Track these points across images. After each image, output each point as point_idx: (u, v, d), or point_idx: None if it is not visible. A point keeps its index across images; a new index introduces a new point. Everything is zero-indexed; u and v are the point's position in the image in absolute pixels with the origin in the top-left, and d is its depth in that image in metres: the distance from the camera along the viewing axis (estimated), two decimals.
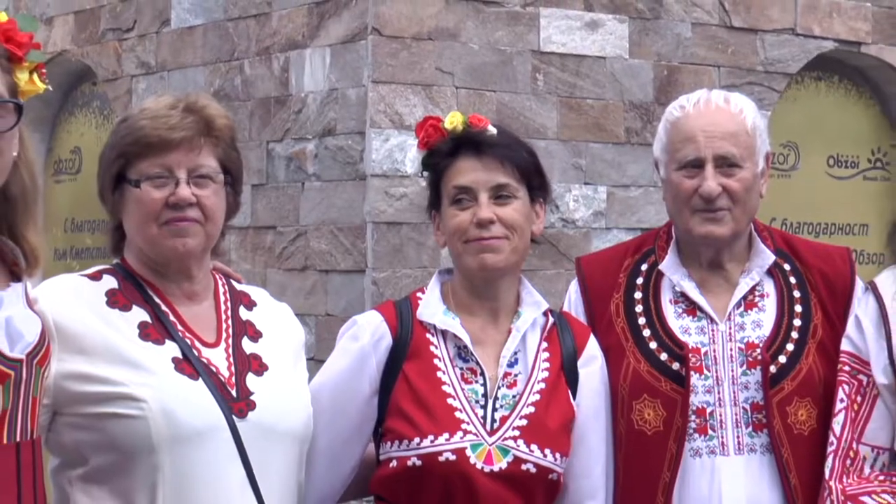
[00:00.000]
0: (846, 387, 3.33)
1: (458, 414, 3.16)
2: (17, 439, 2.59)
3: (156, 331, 2.95)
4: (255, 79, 7.38)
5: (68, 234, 8.95)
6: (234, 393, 2.94)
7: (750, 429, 3.35)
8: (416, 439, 3.14)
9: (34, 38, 2.68)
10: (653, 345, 3.40)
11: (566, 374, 3.28)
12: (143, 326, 2.95)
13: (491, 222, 3.20)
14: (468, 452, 3.13)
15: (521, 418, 3.19)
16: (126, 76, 8.22)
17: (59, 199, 8.99)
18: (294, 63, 7.15)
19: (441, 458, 3.11)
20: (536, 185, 3.29)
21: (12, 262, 2.71)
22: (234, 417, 2.91)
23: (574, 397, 3.28)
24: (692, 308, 3.43)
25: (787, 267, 3.48)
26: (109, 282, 3.01)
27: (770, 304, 3.44)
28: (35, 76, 2.69)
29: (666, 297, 3.45)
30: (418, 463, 3.12)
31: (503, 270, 3.24)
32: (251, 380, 2.99)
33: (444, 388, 3.19)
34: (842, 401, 3.33)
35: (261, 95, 7.35)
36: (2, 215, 2.70)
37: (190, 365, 2.93)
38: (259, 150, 7.30)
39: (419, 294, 3.32)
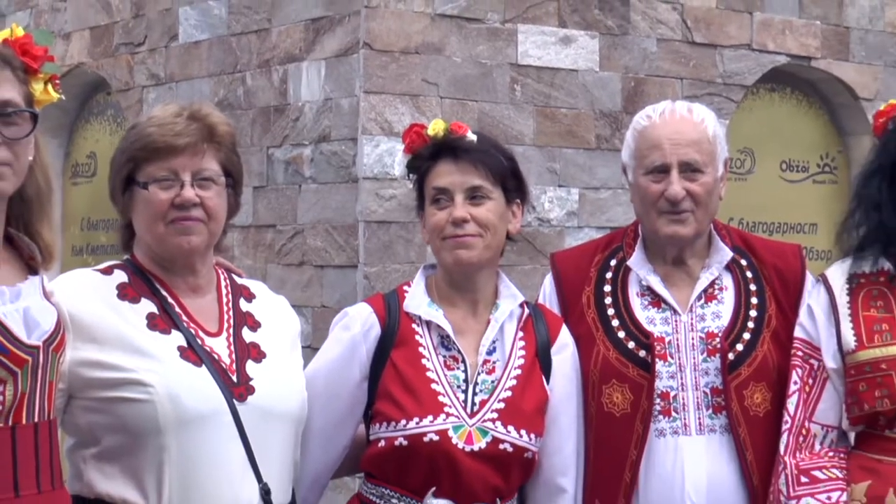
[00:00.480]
0: (799, 370, 3.33)
1: (441, 398, 3.15)
2: (36, 420, 2.59)
3: (162, 321, 2.94)
4: (256, 89, 7.35)
5: (84, 233, 8.91)
6: (234, 379, 2.93)
7: (710, 411, 3.34)
8: (403, 421, 3.12)
9: (49, 51, 2.66)
10: (621, 334, 3.39)
11: (540, 360, 3.27)
12: (150, 317, 2.93)
13: (465, 221, 3.19)
14: (450, 433, 3.12)
15: (498, 402, 3.18)
16: (137, 87, 8.19)
17: (76, 200, 8.95)
18: (292, 75, 7.12)
19: (425, 439, 3.10)
20: (512, 187, 3.28)
21: (29, 257, 2.71)
22: (234, 401, 2.89)
23: (547, 382, 3.27)
24: (657, 300, 3.42)
25: (743, 262, 3.48)
26: (120, 276, 3.00)
27: (728, 297, 3.43)
28: (49, 86, 2.67)
29: (633, 291, 3.44)
30: (405, 443, 3.11)
31: (477, 265, 3.23)
32: (250, 366, 2.97)
33: (429, 374, 3.18)
34: (795, 383, 3.33)
35: (261, 105, 7.32)
36: (19, 214, 2.70)
37: (194, 353, 2.91)
38: (260, 155, 7.27)
39: (406, 287, 3.31)
